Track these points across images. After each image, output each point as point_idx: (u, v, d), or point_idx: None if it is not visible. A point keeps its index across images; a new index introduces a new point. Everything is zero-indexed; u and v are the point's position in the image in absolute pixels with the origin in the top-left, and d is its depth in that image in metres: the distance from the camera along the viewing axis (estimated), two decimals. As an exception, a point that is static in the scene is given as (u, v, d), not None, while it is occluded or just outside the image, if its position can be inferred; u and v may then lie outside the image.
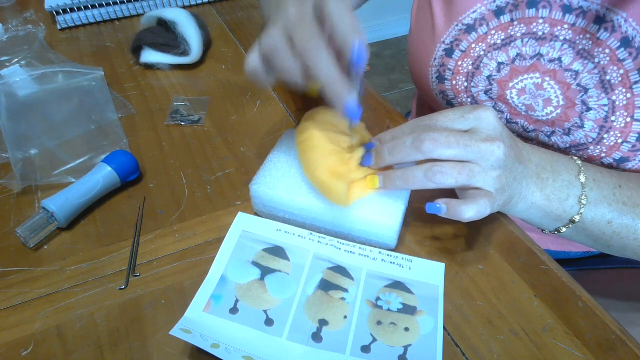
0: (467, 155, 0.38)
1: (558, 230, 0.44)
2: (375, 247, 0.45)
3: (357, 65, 0.36)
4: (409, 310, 0.40)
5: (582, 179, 0.43)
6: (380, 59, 2.38)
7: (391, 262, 0.43)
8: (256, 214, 0.48)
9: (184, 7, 0.83)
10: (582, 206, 0.42)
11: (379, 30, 2.47)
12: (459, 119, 0.40)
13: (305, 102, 0.49)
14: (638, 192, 0.44)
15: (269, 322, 0.39)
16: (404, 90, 2.17)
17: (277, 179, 0.46)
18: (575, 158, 0.45)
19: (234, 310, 0.40)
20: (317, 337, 0.38)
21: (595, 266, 0.65)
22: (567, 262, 0.65)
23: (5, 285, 0.43)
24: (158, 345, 0.38)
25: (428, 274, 0.43)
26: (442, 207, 0.38)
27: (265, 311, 0.40)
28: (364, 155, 0.44)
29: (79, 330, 0.39)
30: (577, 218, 0.42)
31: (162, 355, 0.38)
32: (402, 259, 0.44)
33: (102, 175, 0.49)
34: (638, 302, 0.58)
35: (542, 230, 0.46)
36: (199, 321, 0.38)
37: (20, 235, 0.45)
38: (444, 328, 0.39)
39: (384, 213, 0.43)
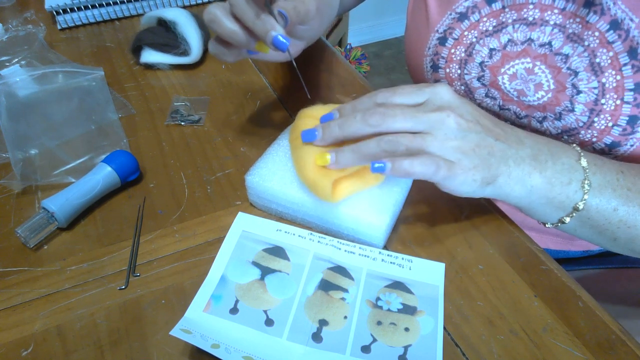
0: (416, 126, 0.39)
1: (562, 221, 0.42)
2: (364, 245, 0.45)
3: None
4: (409, 310, 0.40)
5: (584, 163, 0.41)
6: (380, 59, 2.38)
7: (391, 262, 0.43)
8: (251, 205, 0.49)
9: (184, 7, 0.83)
10: (586, 191, 0.41)
11: (379, 30, 2.47)
12: (415, 92, 0.41)
13: (305, 102, 0.49)
14: None
15: (269, 322, 0.39)
16: (404, 90, 2.17)
17: (273, 172, 0.46)
18: (574, 145, 0.43)
19: (234, 311, 0.40)
20: (317, 337, 0.38)
21: (595, 266, 0.65)
22: (567, 262, 0.65)
23: (5, 285, 0.43)
24: (158, 345, 0.38)
25: (428, 274, 0.43)
26: (387, 165, 0.39)
27: (265, 311, 0.40)
28: (305, 130, 0.44)
29: (79, 330, 0.39)
30: (580, 205, 0.41)
31: (162, 355, 0.38)
32: (402, 259, 0.44)
33: (102, 175, 0.49)
34: (638, 302, 0.58)
35: (544, 224, 0.44)
36: (199, 321, 0.38)
37: (20, 235, 0.45)
38: (444, 328, 0.39)
39: (373, 212, 0.43)
